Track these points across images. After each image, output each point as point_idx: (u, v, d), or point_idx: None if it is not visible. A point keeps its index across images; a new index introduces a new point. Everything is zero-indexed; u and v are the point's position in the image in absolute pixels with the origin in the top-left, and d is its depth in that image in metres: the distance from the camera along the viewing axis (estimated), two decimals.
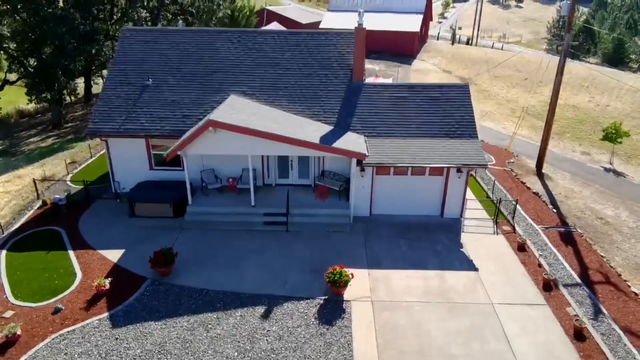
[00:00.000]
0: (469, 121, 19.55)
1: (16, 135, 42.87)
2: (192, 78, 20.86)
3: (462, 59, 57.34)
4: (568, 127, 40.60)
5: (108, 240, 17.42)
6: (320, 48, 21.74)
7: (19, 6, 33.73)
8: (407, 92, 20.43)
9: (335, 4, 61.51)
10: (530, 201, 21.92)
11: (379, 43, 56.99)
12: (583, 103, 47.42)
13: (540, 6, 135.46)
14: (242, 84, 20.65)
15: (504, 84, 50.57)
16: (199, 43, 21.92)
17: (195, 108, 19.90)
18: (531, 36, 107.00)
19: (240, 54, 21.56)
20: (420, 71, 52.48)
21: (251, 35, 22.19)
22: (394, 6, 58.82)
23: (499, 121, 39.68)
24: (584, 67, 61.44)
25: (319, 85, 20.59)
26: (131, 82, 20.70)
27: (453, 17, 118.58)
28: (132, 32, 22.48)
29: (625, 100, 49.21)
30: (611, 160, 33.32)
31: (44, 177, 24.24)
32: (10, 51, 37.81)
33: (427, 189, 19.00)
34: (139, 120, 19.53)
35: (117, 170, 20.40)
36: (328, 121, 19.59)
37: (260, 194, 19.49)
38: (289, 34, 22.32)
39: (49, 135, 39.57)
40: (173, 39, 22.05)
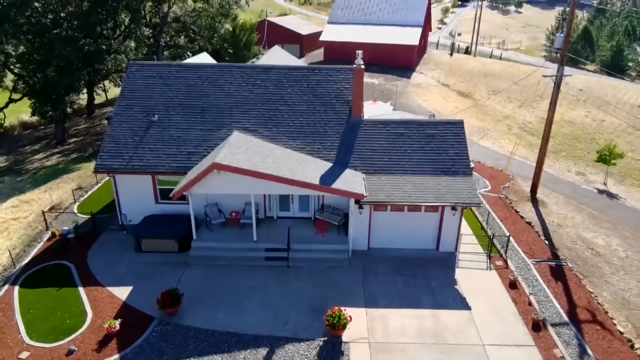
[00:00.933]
0: (464, 158, 20.26)
1: (20, 150, 43.58)
2: (196, 113, 21.58)
3: (461, 72, 58.01)
4: (564, 144, 41.32)
5: (116, 277, 18.16)
6: (321, 84, 22.46)
7: (24, 28, 34.39)
8: (404, 128, 21.15)
9: (335, 17, 62.14)
10: (523, 232, 22.65)
11: (378, 56, 57.67)
12: (579, 118, 48.11)
13: (540, 11, 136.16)
14: (245, 119, 21.38)
15: (502, 99, 51.25)
16: (202, 78, 22.64)
17: (199, 145, 20.62)
18: (530, 42, 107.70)
19: (243, 90, 22.28)
20: (419, 85, 53.17)
21: (254, 71, 22.89)
22: (393, 19, 59.46)
23: (496, 139, 40.37)
24: (582, 78, 62.10)
25: (319, 122, 21.30)
26: (137, 118, 21.43)
27: (452, 22, 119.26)
28: (138, 66, 23.20)
29: (622, 115, 49.88)
30: (605, 181, 34.02)
31: (51, 205, 24.97)
32: (17, 70, 38.57)
33: (423, 225, 19.73)
34: (145, 157, 20.26)
35: (124, 204, 21.14)
36: (327, 157, 20.31)
37: (262, 228, 20.22)
38: (290, 70, 23.03)
39: (53, 152, 40.27)
40: (178, 74, 22.77)
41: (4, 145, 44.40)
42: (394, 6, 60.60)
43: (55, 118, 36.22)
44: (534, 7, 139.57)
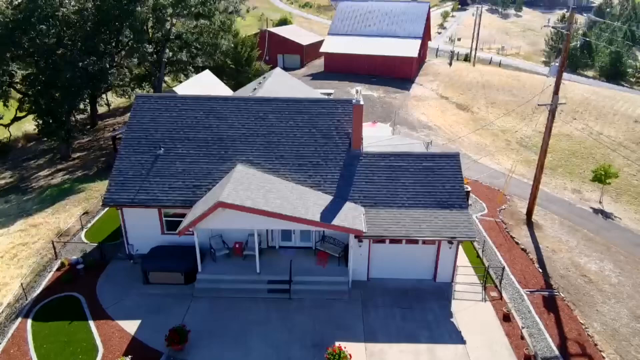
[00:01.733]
0: (459, 191, 20.94)
1: (25, 165, 44.25)
2: (201, 146, 22.27)
3: (460, 84, 58.64)
4: (561, 159, 41.95)
5: (125, 310, 18.87)
6: (321, 117, 23.13)
7: (31, 49, 35.08)
8: (402, 161, 21.83)
9: (336, 28, 62.77)
10: (518, 260, 23.34)
11: (378, 67, 58.45)
12: (577, 132, 48.69)
13: (540, 14, 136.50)
14: (248, 152, 22.06)
15: (500, 111, 51.87)
16: (206, 110, 23.33)
17: (204, 178, 21.32)
18: (529, 47, 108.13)
19: (246, 122, 22.97)
20: (419, 98, 53.82)
21: (256, 103, 23.58)
22: (393, 31, 60.09)
23: (494, 155, 41.03)
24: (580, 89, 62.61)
25: (320, 154, 21.99)
26: (144, 151, 22.12)
27: (452, 27, 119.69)
28: (144, 99, 23.89)
29: (619, 128, 50.55)
30: (601, 199, 34.68)
31: (59, 231, 25.68)
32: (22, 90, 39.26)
33: (421, 256, 20.43)
34: (151, 191, 20.97)
35: (131, 235, 21.85)
36: (328, 190, 21.00)
37: (264, 258, 20.91)
38: (292, 102, 23.69)
39: (58, 169, 40.91)
40: (183, 106, 23.47)
41: (9, 160, 45.08)
42: (394, 18, 61.21)
43: (61, 138, 36.86)
44: (534, 11, 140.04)
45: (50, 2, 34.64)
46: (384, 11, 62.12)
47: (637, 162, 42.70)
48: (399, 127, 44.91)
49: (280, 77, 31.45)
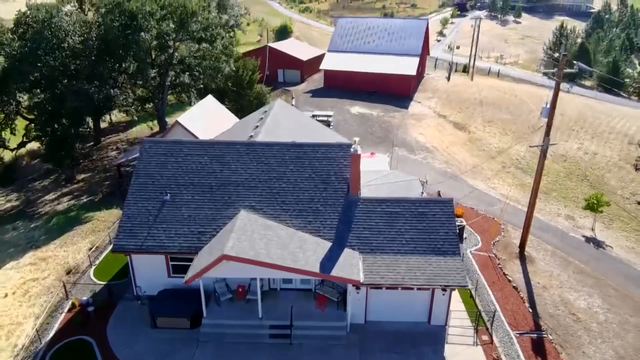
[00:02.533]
0: (452, 238, 21.90)
1: (30, 187, 45.13)
2: (205, 191, 23.23)
3: (457, 101, 59.51)
4: (556, 183, 42.84)
5: (135, 355, 19.89)
6: (321, 161, 24.08)
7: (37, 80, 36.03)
8: (398, 206, 22.78)
9: (335, 45, 63.62)
10: (509, 299, 24.34)
11: (377, 85, 59.35)
12: (572, 151, 49.63)
13: (539, 21, 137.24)
14: (251, 197, 23.03)
15: (497, 130, 52.79)
16: (211, 156, 24.29)
17: (209, 224, 22.29)
18: (528, 55, 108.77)
19: (248, 167, 23.92)
20: (417, 117, 54.71)
21: (258, 148, 24.53)
22: (391, 48, 60.95)
23: (489, 179, 41.97)
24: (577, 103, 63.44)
25: (320, 200, 22.94)
26: (151, 197, 23.09)
27: (451, 34, 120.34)
28: (151, 144, 24.85)
29: (614, 147, 51.40)
30: (593, 226, 35.63)
31: (68, 269, 26.67)
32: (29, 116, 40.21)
33: (416, 301, 21.42)
34: (158, 237, 21.94)
35: (139, 277, 22.85)
36: (327, 237, 21.96)
37: (266, 301, 21.89)
38: (292, 147, 24.62)
39: (63, 193, 41.71)
40: (188, 151, 24.42)
41: (15, 182, 45.81)
42: (392, 35, 62.06)
43: (66, 165, 37.80)
44: (533, 17, 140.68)
45: (56, 34, 35.60)
46: (383, 28, 62.97)
47: (631, 184, 43.71)
48: (397, 150, 45.88)
49: (282, 110, 32.34)
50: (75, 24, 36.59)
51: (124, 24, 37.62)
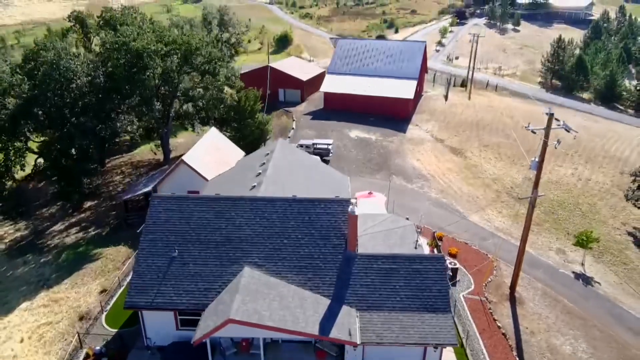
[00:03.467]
0: (444, 295, 23.27)
1: (38, 213, 46.29)
2: (211, 247, 24.59)
3: (454, 124, 60.77)
4: (549, 212, 44.07)
5: None
6: (320, 217, 25.41)
7: (46, 121, 37.34)
8: (392, 263, 24.14)
9: (335, 67, 64.84)
10: (498, 347, 25.74)
11: (376, 107, 60.62)
12: (566, 177, 50.90)
13: (537, 29, 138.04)
14: (254, 253, 24.38)
15: (492, 155, 54.05)
16: (216, 211, 25.63)
17: (214, 281, 23.67)
18: (526, 66, 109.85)
19: (251, 223, 25.26)
20: (414, 141, 55.99)
21: (261, 204, 25.86)
22: (390, 71, 62.17)
23: (484, 210, 43.26)
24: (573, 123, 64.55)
25: (319, 257, 24.30)
26: (160, 253, 24.46)
27: (450, 44, 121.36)
28: (159, 199, 26.19)
29: (607, 172, 52.68)
30: (583, 261, 36.94)
31: (80, 314, 28.09)
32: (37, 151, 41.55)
33: (410, 355, 22.81)
34: (167, 294, 23.34)
35: (149, 329, 24.26)
36: (326, 293, 23.34)
37: (269, 354, 23.27)
38: (294, 202, 25.93)
39: (71, 223, 42.91)
40: (194, 207, 25.77)
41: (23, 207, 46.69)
42: (391, 57, 63.26)
43: (75, 200, 39.16)
44: (532, 25, 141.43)
45: (65, 75, 36.87)
46: (381, 50, 64.16)
47: (622, 213, 44.98)
48: (394, 178, 47.22)
49: (283, 153, 33.62)
50: (83, 64, 37.81)
51: (130, 63, 38.89)
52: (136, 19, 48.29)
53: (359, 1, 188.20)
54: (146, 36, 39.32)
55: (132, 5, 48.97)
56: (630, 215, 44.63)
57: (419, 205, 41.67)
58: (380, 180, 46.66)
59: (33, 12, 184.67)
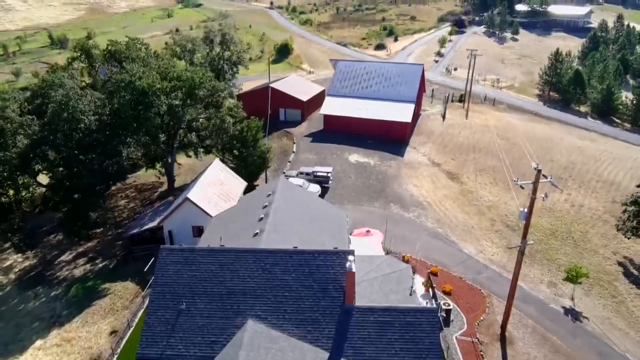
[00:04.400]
0: (436, 348, 24.68)
1: (45, 240, 47.67)
2: (216, 300, 25.96)
3: (451, 146, 62.09)
4: (541, 242, 45.39)
5: None
6: (320, 269, 26.77)
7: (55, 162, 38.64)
8: (388, 316, 25.53)
9: (335, 89, 66.12)
10: None
11: (375, 130, 61.97)
12: (559, 203, 52.25)
13: (536, 38, 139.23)
14: (257, 306, 25.75)
15: (488, 180, 55.40)
16: (221, 263, 26.99)
17: (220, 333, 25.07)
18: (525, 77, 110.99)
19: (254, 275, 26.63)
20: (411, 165, 57.33)
21: (263, 256, 27.23)
22: (388, 94, 63.48)
23: (479, 240, 44.63)
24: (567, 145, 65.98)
25: (319, 309, 25.67)
26: (169, 306, 25.86)
27: (449, 54, 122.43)
28: (167, 251, 27.58)
29: (600, 197, 54.06)
30: (573, 295, 38.37)
31: (92, 357, 29.55)
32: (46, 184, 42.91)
33: None
34: (176, 346, 24.77)
35: None
36: (325, 346, 24.72)
37: None
38: (294, 255, 27.29)
39: (79, 253, 44.29)
40: (200, 259, 27.15)
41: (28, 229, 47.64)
42: (390, 80, 64.54)
43: (84, 234, 40.56)
44: (530, 34, 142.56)
45: (74, 115, 38.15)
46: (380, 73, 65.40)
47: (613, 241, 46.37)
48: (392, 206, 48.63)
49: (284, 195, 34.96)
50: (91, 103, 39.10)
51: (136, 101, 40.19)
52: (141, 51, 49.53)
53: (358, 7, 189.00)
54: (151, 74, 40.55)
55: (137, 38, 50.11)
56: (621, 244, 46.05)
57: (415, 237, 43.13)
58: (379, 209, 48.07)
59: (34, 17, 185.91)
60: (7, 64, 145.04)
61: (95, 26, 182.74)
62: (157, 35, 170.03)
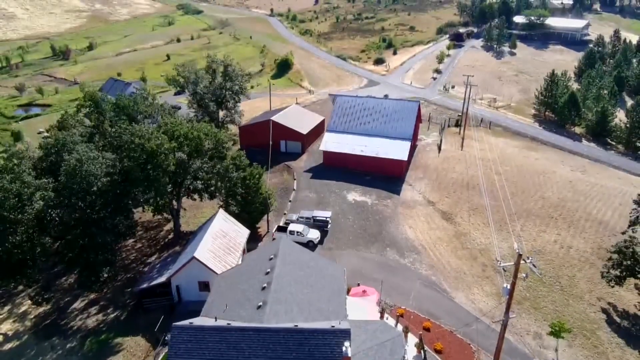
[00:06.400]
0: None
1: (57, 283, 49.82)
2: None
3: (445, 184, 64.19)
4: (529, 289, 47.66)
5: None
6: (319, 348, 29.17)
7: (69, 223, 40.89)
8: None
9: (334, 124, 68.23)
10: None
11: (372, 166, 64.20)
12: (549, 245, 54.46)
13: (534, 52, 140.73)
14: None
15: (480, 221, 57.58)
16: (228, 342, 29.40)
17: None
18: (522, 95, 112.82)
19: (259, 354, 29.04)
20: (407, 204, 59.54)
21: (266, 335, 29.61)
22: (386, 131, 65.62)
23: (470, 288, 46.95)
24: (558, 182, 68.08)
25: None
26: None
27: (447, 70, 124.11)
28: (179, 330, 29.96)
29: (589, 238, 56.20)
30: (557, 347, 40.78)
31: None
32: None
33: None
34: None
35: None
36: None
37: None
38: (295, 333, 29.66)
39: (90, 300, 46.59)
40: (209, 337, 29.57)
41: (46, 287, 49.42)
42: (387, 117, 66.65)
43: (97, 289, 42.91)
44: (528, 47, 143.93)
45: (87, 179, 40.23)
46: (377, 109, 67.47)
47: (598, 286, 48.61)
48: (388, 251, 50.99)
49: (284, 259, 37.21)
50: (102, 166, 41.24)
51: (145, 161, 42.34)
52: (146, 99, 51.56)
53: (358, 15, 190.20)
54: (160, 136, 42.64)
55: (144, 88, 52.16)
56: (606, 288, 48.21)
57: (409, 286, 45.51)
58: (375, 254, 50.42)
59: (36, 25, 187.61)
60: (10, 76, 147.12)
61: (97, 34, 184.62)
62: (158, 45, 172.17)
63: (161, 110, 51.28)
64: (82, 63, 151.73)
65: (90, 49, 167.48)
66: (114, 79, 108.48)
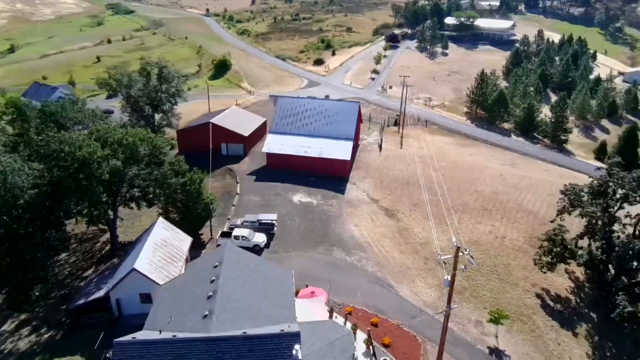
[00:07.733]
0: None
1: None
2: None
3: (387, 181, 65.71)
4: (469, 279, 49.62)
5: None
6: (269, 354, 28.86)
7: None
8: None
9: (276, 126, 67.92)
10: None
11: (316, 167, 64.54)
12: (484, 235, 57.06)
13: (464, 52, 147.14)
14: None
15: (421, 216, 59.33)
16: (174, 354, 28.41)
17: None
18: (454, 95, 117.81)
19: None
20: (352, 203, 60.34)
21: (214, 345, 28.91)
22: (328, 132, 66.19)
23: (413, 282, 48.27)
24: (491, 176, 71.66)
25: None
26: None
27: (385, 71, 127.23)
28: (121, 346, 28.58)
29: (520, 228, 59.38)
30: (497, 333, 42.77)
31: None
32: None
33: None
34: None
35: None
36: None
37: None
38: (244, 340, 29.14)
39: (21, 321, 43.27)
40: (155, 351, 28.43)
41: None
42: (329, 117, 67.23)
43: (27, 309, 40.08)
44: (459, 47, 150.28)
45: (13, 192, 37.53)
46: (319, 110, 67.88)
47: (532, 273, 51.51)
48: (335, 250, 51.41)
49: (230, 266, 36.49)
50: (29, 177, 38.61)
51: (77, 170, 40.07)
52: (76, 104, 48.95)
53: (296, 16, 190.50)
54: (92, 143, 40.53)
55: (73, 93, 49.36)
56: (539, 274, 51.25)
57: (356, 284, 46.12)
58: (322, 254, 50.65)
59: None
60: None
61: (19, 36, 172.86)
62: (87, 47, 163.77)
63: (92, 116, 48.65)
64: (2, 67, 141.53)
65: (11, 51, 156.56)
66: (39, 83, 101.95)
